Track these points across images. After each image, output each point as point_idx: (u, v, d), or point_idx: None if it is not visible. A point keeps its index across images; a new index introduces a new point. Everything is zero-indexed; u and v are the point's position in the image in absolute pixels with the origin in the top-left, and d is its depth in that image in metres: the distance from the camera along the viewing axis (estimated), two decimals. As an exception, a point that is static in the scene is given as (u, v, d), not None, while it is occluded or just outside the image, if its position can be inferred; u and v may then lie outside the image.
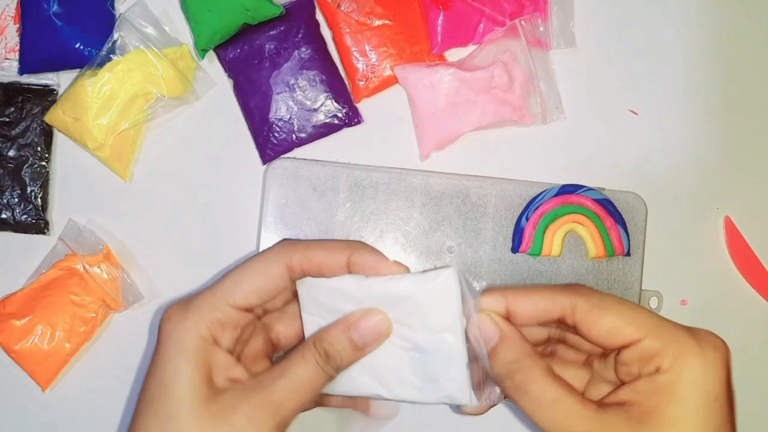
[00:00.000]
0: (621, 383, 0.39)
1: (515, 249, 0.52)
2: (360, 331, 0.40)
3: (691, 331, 0.38)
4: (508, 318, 0.40)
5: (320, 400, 0.44)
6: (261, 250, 0.52)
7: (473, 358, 0.39)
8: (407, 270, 0.40)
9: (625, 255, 0.52)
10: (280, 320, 0.44)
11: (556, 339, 0.42)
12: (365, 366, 0.40)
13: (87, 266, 0.52)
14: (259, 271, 0.41)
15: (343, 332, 0.40)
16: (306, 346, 0.40)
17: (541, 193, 0.52)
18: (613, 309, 0.38)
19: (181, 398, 0.39)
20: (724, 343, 0.38)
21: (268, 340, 0.44)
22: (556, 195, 0.52)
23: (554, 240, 0.52)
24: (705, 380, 0.36)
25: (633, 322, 0.38)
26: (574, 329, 0.39)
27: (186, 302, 0.41)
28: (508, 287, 0.41)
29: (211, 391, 0.39)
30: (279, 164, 0.53)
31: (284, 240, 0.42)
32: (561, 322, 0.39)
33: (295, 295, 0.43)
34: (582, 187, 0.52)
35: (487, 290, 0.40)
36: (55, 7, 0.52)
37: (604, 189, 0.53)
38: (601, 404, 0.38)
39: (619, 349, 0.38)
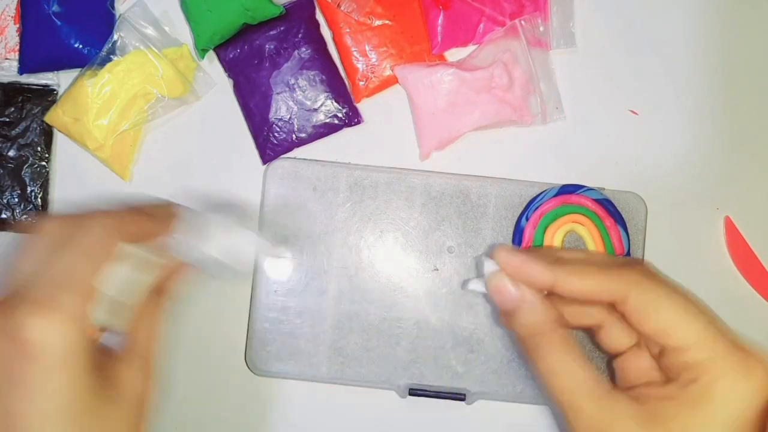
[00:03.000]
0: (665, 381, 0.37)
1: (515, 249, 0.52)
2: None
3: (745, 353, 0.35)
4: (550, 292, 0.37)
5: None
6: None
7: None
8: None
9: (625, 255, 0.52)
10: None
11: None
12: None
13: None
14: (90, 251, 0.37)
15: None
16: None
17: (541, 193, 0.52)
18: (669, 308, 0.36)
19: None
20: (765, 373, 0.35)
21: None
22: (556, 195, 0.52)
23: (554, 240, 0.52)
24: (737, 406, 0.34)
25: (686, 327, 0.35)
26: (623, 316, 0.37)
27: None
28: (558, 260, 0.38)
29: None
30: (279, 164, 0.53)
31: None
32: (611, 306, 0.37)
33: None
34: (582, 187, 0.52)
35: (534, 259, 0.38)
36: (54, 7, 0.52)
37: (604, 189, 0.53)
38: (616, 388, 0.36)
39: (669, 349, 0.36)
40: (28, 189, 0.54)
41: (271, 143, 0.53)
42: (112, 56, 0.52)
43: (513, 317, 0.38)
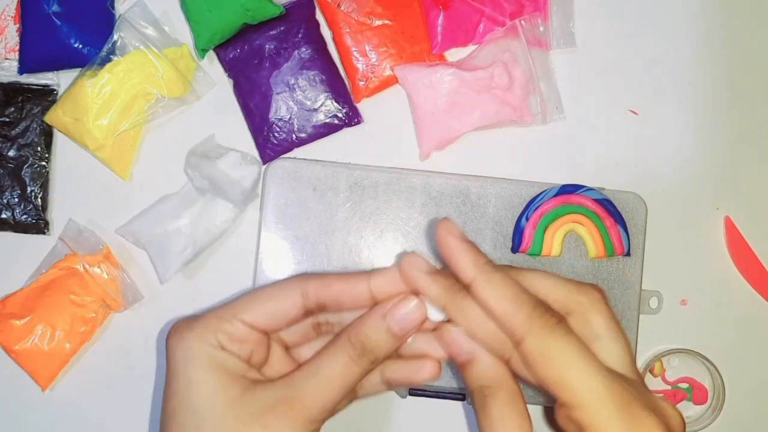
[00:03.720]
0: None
1: (515, 249, 0.52)
2: (397, 320, 0.38)
3: (631, 417, 0.34)
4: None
5: (354, 395, 0.42)
6: (261, 249, 0.52)
7: None
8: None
9: (625, 255, 0.52)
10: (303, 347, 0.43)
11: None
12: None
13: (87, 266, 0.52)
14: (272, 293, 0.40)
15: (380, 321, 0.38)
16: (338, 340, 0.39)
17: (541, 193, 0.52)
18: (562, 361, 0.35)
19: (203, 406, 0.38)
20: None
21: (291, 361, 0.42)
22: (556, 195, 0.52)
23: (554, 240, 0.52)
24: None
25: (576, 385, 0.34)
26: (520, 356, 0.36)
27: (192, 317, 0.40)
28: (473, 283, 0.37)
29: (235, 394, 0.38)
30: (279, 164, 0.53)
31: (303, 273, 0.41)
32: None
33: (313, 330, 0.42)
34: (582, 187, 0.52)
35: (437, 281, 0.38)
36: (54, 7, 0.52)
37: (604, 189, 0.53)
38: None
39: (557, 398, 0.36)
40: (28, 189, 0.54)
41: (271, 143, 0.53)
42: (112, 56, 0.52)
43: (466, 369, 0.38)
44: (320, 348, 0.40)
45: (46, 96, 0.54)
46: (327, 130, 0.54)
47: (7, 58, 0.54)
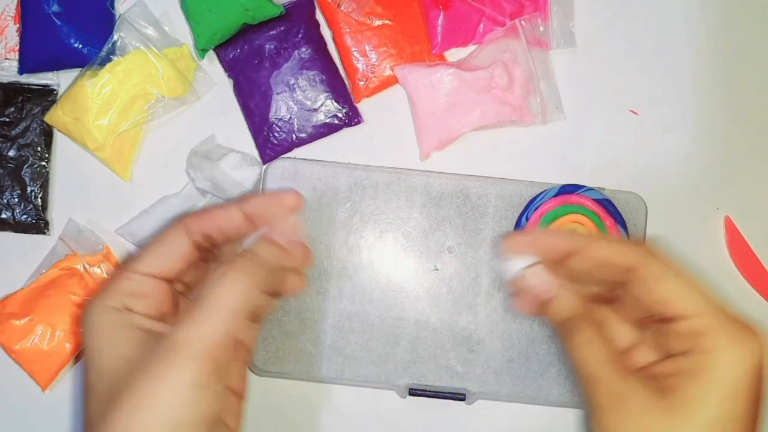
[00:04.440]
0: (667, 356, 0.39)
1: (515, 249, 0.52)
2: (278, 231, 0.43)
3: (740, 324, 0.38)
4: (566, 260, 0.42)
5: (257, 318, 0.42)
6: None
7: None
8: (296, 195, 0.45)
9: (625, 255, 0.52)
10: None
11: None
12: None
13: (87, 266, 0.52)
14: (159, 239, 0.42)
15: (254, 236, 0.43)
16: (216, 271, 0.40)
17: (541, 193, 0.52)
18: (675, 279, 0.39)
19: (112, 369, 0.38)
20: (760, 341, 0.37)
21: None
22: (556, 195, 0.52)
23: (554, 240, 0.52)
24: (735, 373, 0.36)
25: (689, 298, 0.38)
26: (629, 286, 0.40)
27: (100, 289, 0.41)
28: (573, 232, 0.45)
29: (139, 353, 0.38)
30: (279, 164, 0.53)
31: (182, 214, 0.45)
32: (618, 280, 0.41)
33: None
34: (582, 187, 0.52)
35: (551, 231, 0.45)
36: (54, 7, 0.52)
37: (604, 189, 0.53)
38: (630, 370, 0.39)
39: (671, 320, 0.39)
40: (28, 189, 0.54)
41: (271, 143, 0.53)
42: (112, 56, 0.52)
43: (549, 305, 0.42)
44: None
45: (46, 96, 0.54)
46: (327, 130, 0.54)
47: (7, 58, 0.54)
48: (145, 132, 0.54)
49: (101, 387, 0.38)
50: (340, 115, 0.54)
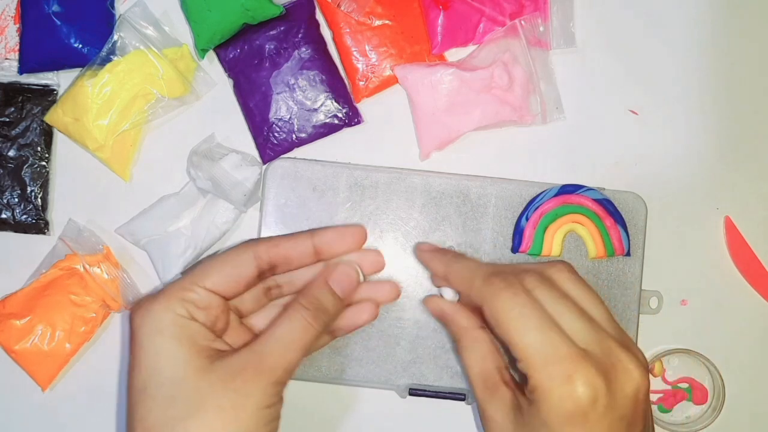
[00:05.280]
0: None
1: (515, 249, 0.52)
2: (338, 281, 0.46)
3: (568, 362, 0.39)
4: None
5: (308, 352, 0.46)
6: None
7: None
8: (363, 231, 0.49)
9: (625, 255, 0.52)
10: (256, 315, 0.47)
11: None
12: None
13: (87, 266, 0.52)
14: (227, 259, 0.44)
15: (326, 285, 0.46)
16: (292, 306, 0.44)
17: (541, 193, 0.52)
18: (509, 321, 0.41)
19: (175, 375, 0.39)
20: (585, 375, 0.39)
21: (246, 331, 0.46)
22: (556, 195, 0.52)
23: (554, 240, 0.52)
24: (562, 408, 0.39)
25: (522, 341, 0.40)
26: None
27: (152, 294, 0.43)
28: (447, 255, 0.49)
29: (203, 363, 0.40)
30: (279, 164, 0.53)
31: (251, 239, 0.47)
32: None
33: (264, 295, 0.48)
34: (582, 187, 0.52)
35: (432, 252, 0.50)
36: (54, 7, 0.52)
37: (604, 189, 0.53)
38: (510, 381, 0.44)
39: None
40: (28, 189, 0.54)
41: (271, 143, 0.53)
42: (112, 56, 0.52)
43: (448, 324, 0.48)
44: (274, 315, 0.45)
45: (46, 96, 0.54)
46: (327, 130, 0.54)
47: (7, 58, 0.54)
48: (145, 132, 0.54)
49: (161, 393, 0.39)
50: (340, 115, 0.54)
